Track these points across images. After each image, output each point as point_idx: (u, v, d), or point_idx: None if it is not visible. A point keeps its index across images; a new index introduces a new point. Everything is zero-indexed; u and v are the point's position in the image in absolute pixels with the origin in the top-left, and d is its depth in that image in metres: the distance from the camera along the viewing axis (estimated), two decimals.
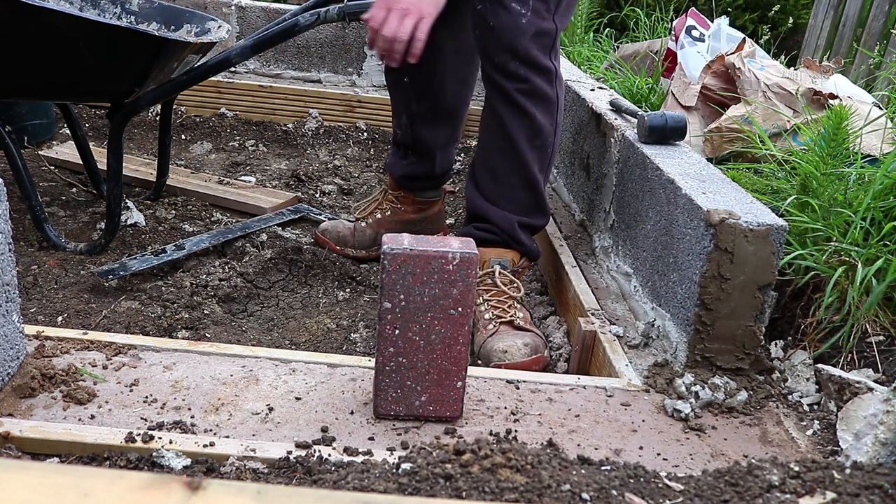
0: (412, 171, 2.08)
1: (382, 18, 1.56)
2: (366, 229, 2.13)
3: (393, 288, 1.12)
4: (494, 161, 1.76)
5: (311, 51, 3.46)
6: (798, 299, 1.51)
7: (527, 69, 1.67)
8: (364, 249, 2.13)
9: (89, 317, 1.72)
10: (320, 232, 2.16)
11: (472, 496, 0.90)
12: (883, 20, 3.78)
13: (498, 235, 1.75)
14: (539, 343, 1.60)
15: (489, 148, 1.77)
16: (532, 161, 1.73)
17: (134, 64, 1.85)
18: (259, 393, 1.24)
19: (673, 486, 0.99)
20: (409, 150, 2.06)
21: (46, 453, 1.07)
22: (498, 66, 1.67)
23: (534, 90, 1.69)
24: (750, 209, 1.38)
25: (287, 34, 1.89)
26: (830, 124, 1.62)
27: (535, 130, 1.71)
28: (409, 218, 2.14)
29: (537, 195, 1.77)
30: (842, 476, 0.99)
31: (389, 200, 2.14)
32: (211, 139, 3.11)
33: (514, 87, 1.67)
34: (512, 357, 1.54)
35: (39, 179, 2.45)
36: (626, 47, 3.41)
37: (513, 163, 1.73)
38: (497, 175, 1.76)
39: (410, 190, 2.11)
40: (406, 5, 1.54)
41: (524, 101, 1.69)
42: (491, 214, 1.75)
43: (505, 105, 1.70)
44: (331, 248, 2.11)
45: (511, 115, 1.70)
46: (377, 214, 2.14)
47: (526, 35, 1.64)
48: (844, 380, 1.27)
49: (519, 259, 1.77)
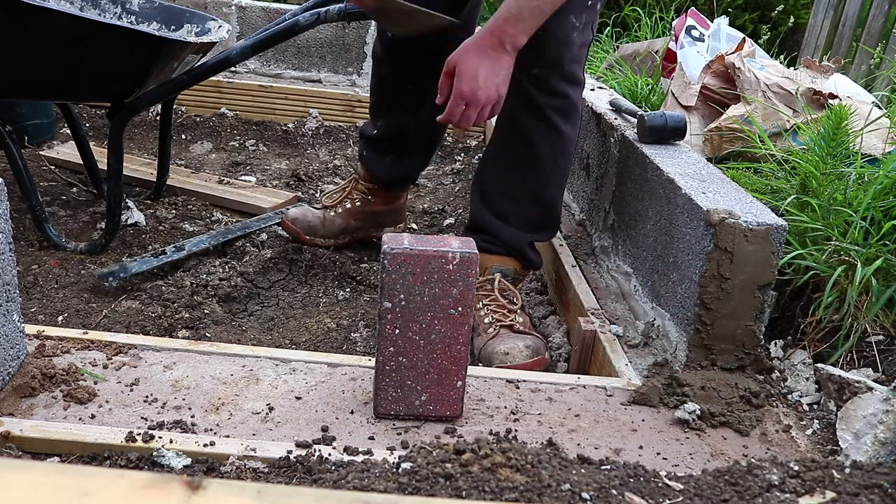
0: (396, 173, 2.07)
1: (460, 114, 1.50)
2: (335, 218, 2.10)
3: (393, 287, 1.12)
4: (510, 175, 1.69)
5: (311, 51, 3.46)
6: (798, 299, 1.52)
7: (565, 84, 1.61)
8: (333, 238, 2.11)
9: (90, 316, 1.72)
10: (289, 220, 2.10)
11: (472, 496, 0.90)
12: (883, 20, 3.78)
13: (504, 249, 1.72)
14: (540, 345, 1.59)
15: (504, 160, 1.70)
16: (553, 179, 1.69)
17: (134, 64, 1.85)
18: (259, 392, 1.24)
19: (673, 486, 0.99)
20: (391, 150, 2.03)
21: (47, 453, 1.07)
22: (536, 79, 1.58)
23: (567, 106, 1.63)
24: (750, 209, 1.38)
25: (287, 34, 1.89)
26: (830, 124, 1.62)
27: (561, 149, 1.66)
28: (378, 209, 2.13)
29: (552, 212, 1.74)
30: (841, 475, 0.99)
31: (360, 191, 2.11)
32: (211, 139, 3.11)
33: (550, 102, 1.61)
34: (514, 359, 1.53)
35: (40, 179, 2.45)
36: (626, 47, 3.41)
37: (532, 180, 1.68)
38: (510, 190, 1.70)
39: (385, 185, 2.10)
40: (484, 100, 1.48)
41: (556, 118, 1.62)
42: (499, 232, 1.70)
43: (534, 120, 1.62)
44: (300, 239, 2.10)
45: (539, 132, 1.63)
46: (346, 204, 2.12)
47: (573, 47, 1.58)
48: (844, 379, 1.27)
49: (521, 269, 1.76)
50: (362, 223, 2.13)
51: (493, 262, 1.71)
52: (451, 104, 1.51)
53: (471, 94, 1.47)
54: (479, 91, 1.46)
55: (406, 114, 1.96)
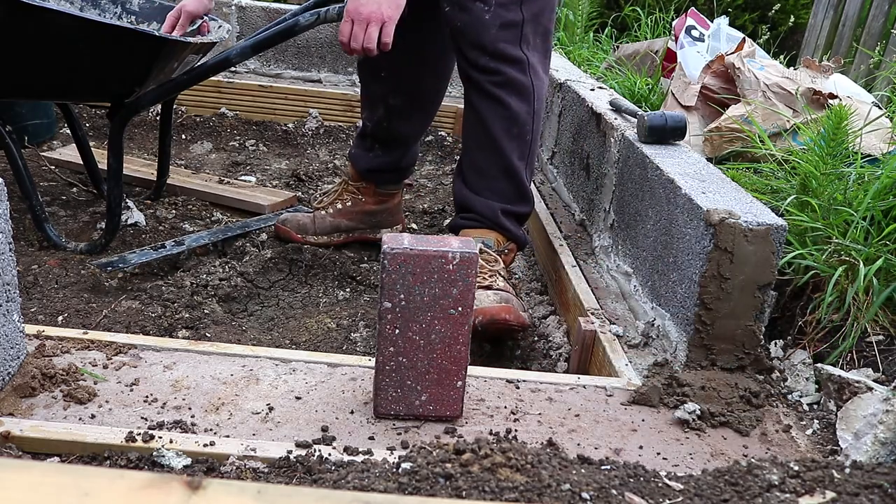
0: (379, 164, 2.11)
1: (349, 32, 1.62)
2: (326, 217, 2.14)
3: (393, 287, 1.12)
4: (476, 154, 1.82)
5: (311, 51, 3.46)
6: (798, 299, 1.51)
7: (497, 62, 1.72)
8: (325, 236, 2.14)
9: (90, 316, 1.72)
10: (280, 223, 2.16)
11: (472, 496, 0.90)
12: (883, 20, 3.78)
13: (481, 222, 1.81)
14: (511, 297, 1.66)
15: (470, 141, 1.83)
16: (510, 150, 1.78)
17: (134, 64, 1.85)
18: (259, 392, 1.24)
19: (673, 486, 0.99)
20: (377, 143, 2.09)
21: (47, 453, 1.07)
22: (470, 62, 1.74)
23: (507, 81, 1.74)
24: (750, 209, 1.38)
25: (287, 34, 1.89)
26: (830, 124, 1.62)
27: (512, 120, 1.76)
28: (370, 209, 2.16)
29: (518, 183, 1.82)
30: (841, 475, 0.99)
31: (350, 191, 2.15)
32: (211, 139, 3.11)
33: (487, 79, 1.74)
34: (480, 303, 1.60)
35: (40, 179, 2.45)
36: (626, 47, 3.41)
37: (492, 153, 1.79)
38: (479, 167, 1.82)
39: (373, 182, 2.13)
40: (367, 14, 1.59)
41: (498, 92, 1.74)
42: (474, 203, 1.81)
43: (480, 97, 1.76)
44: (292, 238, 2.12)
45: (487, 107, 1.75)
46: (338, 205, 2.15)
47: (490, 30, 1.70)
48: (844, 379, 1.27)
49: (504, 241, 1.82)
50: (355, 223, 2.15)
51: (474, 236, 1.79)
52: (341, 25, 1.64)
53: (354, 10, 1.59)
54: (361, 7, 1.59)
55: (385, 102, 2.02)
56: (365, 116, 2.09)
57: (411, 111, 2.04)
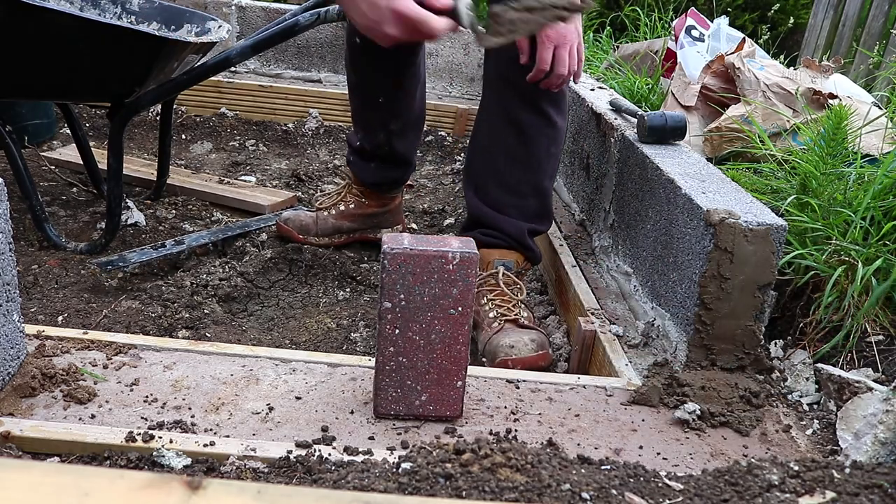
0: (382, 178, 2.08)
1: (551, 58, 1.56)
2: (328, 218, 2.13)
3: (393, 287, 1.12)
4: (507, 168, 1.71)
5: (311, 51, 3.46)
6: (798, 299, 1.52)
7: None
8: (326, 237, 2.13)
9: (90, 316, 1.72)
10: (282, 221, 2.15)
11: (472, 496, 0.90)
12: (882, 20, 3.78)
13: (506, 242, 1.73)
14: (544, 340, 1.60)
15: (498, 153, 1.71)
16: (546, 169, 1.72)
17: (134, 64, 1.85)
18: (259, 392, 1.24)
19: (673, 486, 0.99)
20: (378, 159, 2.04)
21: (47, 453, 1.07)
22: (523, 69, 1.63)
23: (561, 99, 1.69)
24: (750, 209, 1.38)
25: (287, 34, 1.89)
26: (830, 124, 1.62)
27: (552, 138, 1.70)
28: (373, 211, 2.15)
29: (545, 202, 1.76)
30: (841, 475, 0.99)
31: (354, 195, 2.14)
32: (211, 139, 3.11)
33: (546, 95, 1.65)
34: (519, 352, 1.53)
35: (40, 179, 2.45)
36: (625, 47, 3.41)
37: (527, 171, 1.70)
38: (508, 182, 1.72)
39: (377, 190, 2.12)
40: (571, 39, 1.55)
41: (550, 110, 1.67)
42: (500, 224, 1.72)
43: (528, 111, 1.66)
44: (294, 238, 2.11)
45: (533, 122, 1.66)
46: (340, 207, 2.14)
47: None
48: (844, 379, 1.27)
49: (523, 261, 1.77)
50: (357, 224, 2.14)
51: (495, 256, 1.72)
52: (540, 50, 1.55)
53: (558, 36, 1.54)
54: (566, 32, 1.54)
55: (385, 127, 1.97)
56: (360, 137, 2.04)
57: (407, 131, 2.01)
